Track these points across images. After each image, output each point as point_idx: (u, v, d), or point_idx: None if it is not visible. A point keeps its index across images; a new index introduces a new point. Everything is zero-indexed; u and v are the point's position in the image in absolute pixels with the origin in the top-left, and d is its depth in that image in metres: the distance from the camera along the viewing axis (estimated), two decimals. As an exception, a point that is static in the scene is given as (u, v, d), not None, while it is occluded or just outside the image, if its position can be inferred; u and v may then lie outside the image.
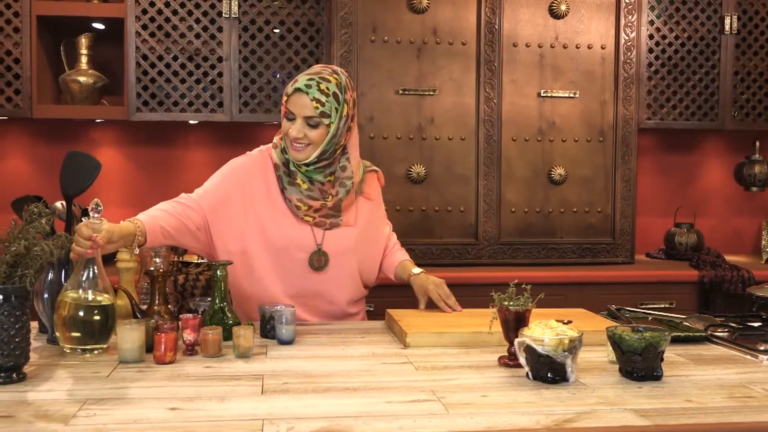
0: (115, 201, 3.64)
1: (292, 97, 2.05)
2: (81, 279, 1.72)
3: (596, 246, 3.52)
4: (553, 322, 1.60)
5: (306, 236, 2.14)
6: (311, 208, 2.13)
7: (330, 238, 2.16)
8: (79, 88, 3.44)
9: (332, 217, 2.16)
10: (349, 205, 2.18)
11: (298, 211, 2.13)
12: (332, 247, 2.16)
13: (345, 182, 2.14)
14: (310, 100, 2.03)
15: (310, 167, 2.10)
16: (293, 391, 1.48)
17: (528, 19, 3.44)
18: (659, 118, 3.63)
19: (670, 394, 1.48)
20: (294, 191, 2.12)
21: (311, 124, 2.04)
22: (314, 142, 2.05)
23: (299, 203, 2.12)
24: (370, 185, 2.29)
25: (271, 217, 2.14)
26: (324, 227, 2.16)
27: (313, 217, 2.14)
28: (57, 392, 1.46)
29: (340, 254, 2.17)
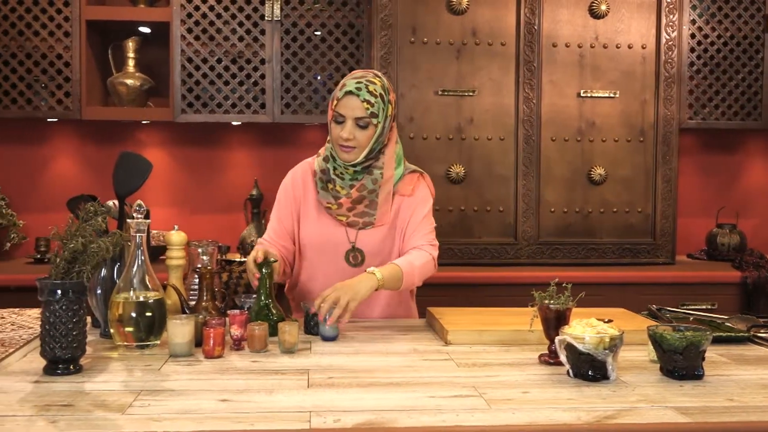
0: (160, 201, 3.73)
1: (343, 100, 2.12)
2: (132, 277, 1.78)
3: (636, 246, 3.51)
4: (594, 321, 1.61)
5: (340, 235, 2.21)
6: (342, 207, 2.18)
7: (363, 237, 2.21)
8: (127, 90, 3.53)
9: (366, 216, 2.19)
10: (384, 203, 2.21)
11: (330, 211, 2.20)
12: (366, 246, 2.22)
13: (373, 171, 2.18)
14: (361, 102, 2.10)
15: (357, 167, 2.16)
16: (338, 385, 1.52)
17: (567, 20, 3.44)
18: (701, 118, 3.60)
19: (711, 393, 1.49)
20: (325, 195, 2.20)
21: (361, 125, 2.11)
22: (362, 144, 2.12)
23: (329, 204, 2.19)
24: (408, 184, 2.27)
25: (311, 219, 2.23)
26: (357, 227, 2.20)
27: (347, 216, 2.19)
28: (112, 383, 1.52)
29: (374, 254, 2.22)
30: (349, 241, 2.21)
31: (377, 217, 2.20)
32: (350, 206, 2.18)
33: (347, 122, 2.11)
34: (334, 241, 2.21)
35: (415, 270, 2.14)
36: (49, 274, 1.59)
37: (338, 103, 2.13)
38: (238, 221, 3.76)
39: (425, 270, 2.19)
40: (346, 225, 2.21)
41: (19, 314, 2.20)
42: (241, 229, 3.69)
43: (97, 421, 1.29)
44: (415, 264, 2.14)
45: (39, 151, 3.76)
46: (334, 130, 2.14)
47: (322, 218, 2.22)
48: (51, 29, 3.39)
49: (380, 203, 2.19)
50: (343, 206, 2.18)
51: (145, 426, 1.26)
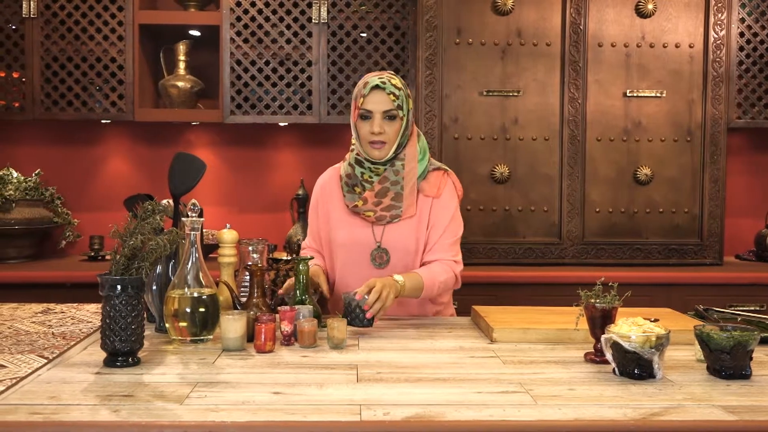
0: (209, 200, 3.82)
1: (369, 95, 2.17)
2: (186, 273, 1.85)
3: (683, 247, 3.48)
4: (640, 320, 1.62)
5: (366, 235, 2.25)
6: (368, 202, 2.22)
7: (389, 234, 2.23)
8: (177, 92, 3.62)
9: (393, 209, 2.22)
10: (410, 195, 2.23)
11: (357, 209, 2.24)
12: (392, 243, 2.23)
13: (395, 163, 2.21)
14: (387, 95, 2.16)
15: (387, 164, 2.20)
16: (386, 380, 1.56)
17: (614, 19, 3.43)
18: (750, 117, 3.56)
19: (759, 393, 1.49)
20: (352, 198, 2.25)
21: (389, 117, 2.16)
22: (391, 138, 2.17)
23: (355, 204, 2.24)
24: (434, 185, 2.26)
25: (340, 221, 2.28)
26: (384, 221, 2.23)
27: (374, 211, 2.23)
28: (169, 375, 1.58)
29: (400, 249, 2.23)
30: (375, 240, 2.24)
31: (404, 209, 2.22)
32: (375, 200, 2.21)
33: (375, 117, 2.16)
34: (362, 242, 2.25)
35: (435, 284, 2.16)
36: (110, 270, 1.66)
37: (364, 99, 2.17)
38: (285, 220, 3.83)
39: (446, 286, 2.22)
40: (374, 222, 2.24)
41: (79, 309, 2.28)
42: (288, 228, 3.75)
43: (157, 411, 1.34)
44: (438, 279, 2.16)
45: (93, 152, 3.88)
46: (363, 128, 2.19)
47: (351, 220, 2.27)
48: (105, 33, 3.50)
49: (406, 195, 2.21)
50: (369, 201, 2.22)
51: (203, 416, 1.31)
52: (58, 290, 3.11)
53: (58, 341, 1.85)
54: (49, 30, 3.49)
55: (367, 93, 2.17)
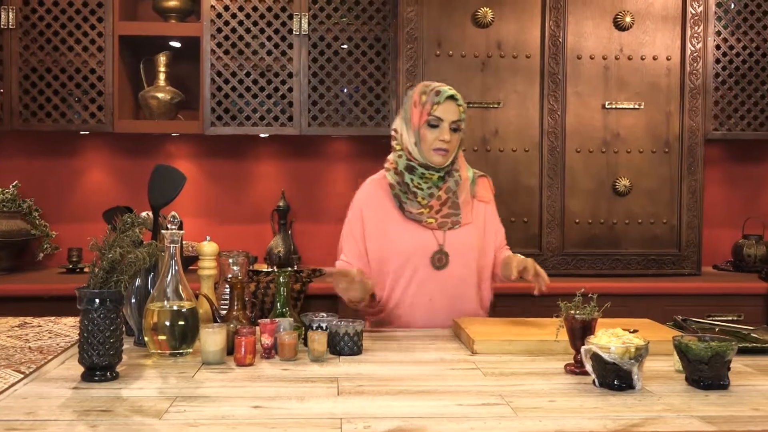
0: (189, 212, 3.79)
1: (443, 104, 2.25)
2: (166, 286, 1.84)
3: (662, 257, 3.51)
4: (620, 331, 1.63)
5: (428, 240, 2.31)
6: (432, 209, 2.29)
7: (451, 238, 2.31)
8: (157, 103, 3.61)
9: (453, 216, 2.31)
10: (466, 204, 2.34)
11: (422, 216, 2.29)
12: (453, 247, 2.31)
13: (453, 174, 2.32)
14: (457, 107, 2.27)
15: (441, 172, 2.28)
16: (367, 393, 1.56)
17: (592, 32, 3.47)
18: (726, 129, 3.60)
19: (737, 403, 1.50)
20: (412, 204, 2.30)
21: (453, 128, 2.25)
22: (453, 147, 2.28)
23: (420, 211, 2.29)
24: (484, 188, 2.43)
25: (394, 230, 2.31)
26: (446, 227, 2.31)
27: (435, 219, 2.30)
28: (148, 390, 1.57)
29: (461, 253, 2.32)
30: (438, 243, 2.30)
31: (462, 216, 2.32)
32: (438, 208, 2.29)
33: (444, 125, 2.25)
34: (423, 246, 2.31)
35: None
36: (88, 283, 1.65)
37: (438, 107, 2.24)
38: (266, 232, 3.82)
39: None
40: (435, 228, 2.30)
41: (56, 322, 2.26)
42: (268, 240, 3.74)
43: (135, 426, 1.33)
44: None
45: (71, 164, 3.85)
46: (429, 135, 2.25)
47: (408, 226, 2.31)
48: (85, 44, 3.48)
49: (462, 203, 2.33)
50: (433, 209, 2.29)
51: (182, 430, 1.30)
52: (35, 303, 3.08)
53: (35, 355, 1.83)
54: (27, 41, 3.46)
55: (441, 101, 2.25)
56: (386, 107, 3.52)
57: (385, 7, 3.51)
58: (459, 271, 2.32)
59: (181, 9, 3.66)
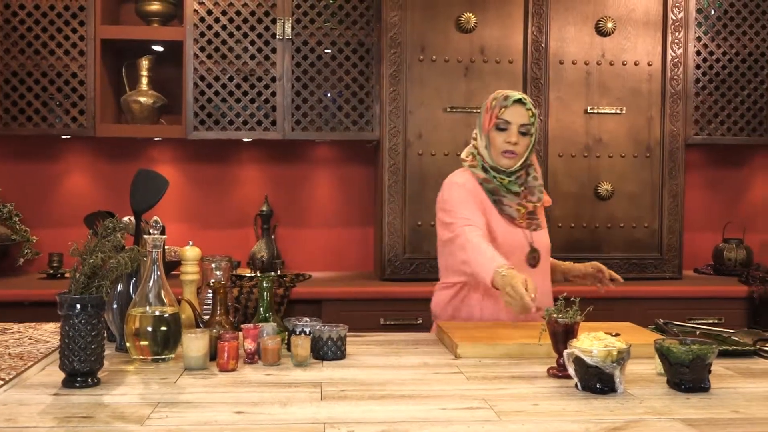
0: (172, 216, 3.78)
1: (511, 107, 2.29)
2: (148, 292, 1.83)
3: (643, 261, 3.54)
4: (602, 334, 1.64)
5: (521, 237, 2.35)
6: (526, 210, 2.34)
7: (537, 238, 2.38)
8: (140, 108, 3.59)
9: (534, 220, 2.37)
10: (541, 208, 2.42)
11: (517, 214, 2.33)
12: (540, 246, 2.37)
13: (540, 188, 2.39)
14: (526, 110, 2.29)
15: (511, 176, 2.31)
16: (351, 397, 1.55)
17: (574, 37, 3.49)
18: (707, 134, 3.63)
19: (717, 405, 1.52)
20: (511, 198, 2.33)
21: (522, 132, 2.28)
22: (521, 151, 2.30)
23: (519, 206, 2.33)
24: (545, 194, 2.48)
25: (496, 225, 2.32)
26: (532, 228, 2.36)
27: (525, 220, 2.34)
28: (130, 396, 1.55)
29: (545, 254, 2.39)
30: (528, 242, 2.34)
31: (541, 219, 2.40)
32: (530, 209, 2.35)
33: (512, 128, 2.28)
34: (519, 245, 2.34)
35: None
36: (69, 288, 1.63)
37: (505, 110, 2.28)
38: (249, 237, 3.81)
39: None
40: (524, 227, 2.34)
41: (36, 328, 2.24)
42: (251, 245, 3.73)
43: (117, 432, 1.32)
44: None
45: (52, 168, 3.82)
46: (497, 138, 2.29)
47: (503, 222, 2.33)
48: (66, 48, 3.46)
49: (539, 208, 2.40)
50: (527, 209, 2.34)
51: (164, 436, 1.30)
52: (15, 309, 3.05)
53: (15, 362, 1.81)
54: (8, 44, 3.44)
55: (509, 105, 2.29)
56: (370, 112, 3.52)
57: (368, 12, 3.51)
58: (545, 270, 2.40)
59: (164, 13, 3.65)
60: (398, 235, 3.42)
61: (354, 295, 3.26)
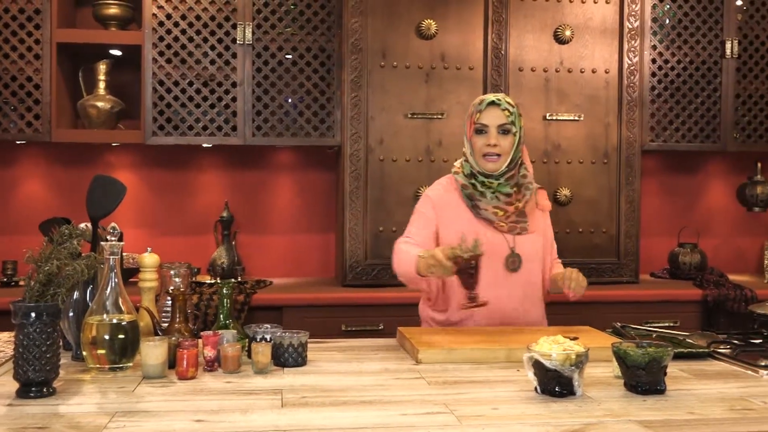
0: (130, 223, 3.73)
1: (485, 111, 2.32)
2: (105, 299, 1.80)
3: (601, 266, 3.59)
4: (561, 338, 1.66)
5: (501, 241, 2.34)
6: (505, 213, 2.33)
7: (520, 242, 2.35)
8: (97, 112, 3.54)
9: (521, 222, 2.35)
10: (531, 213, 2.39)
11: (495, 217, 2.32)
12: (523, 251, 2.35)
13: (528, 186, 2.38)
14: (502, 110, 2.31)
15: (500, 179, 2.31)
16: (312, 404, 1.55)
17: (533, 45, 3.53)
18: (662, 141, 3.70)
19: (673, 407, 1.55)
20: (486, 202, 2.33)
21: (502, 131, 2.30)
22: (505, 151, 2.31)
23: (495, 209, 2.32)
24: (543, 197, 2.47)
25: (468, 230, 2.30)
26: (515, 232, 2.35)
27: (506, 223, 2.33)
28: (86, 405, 1.53)
29: (530, 258, 2.37)
30: (509, 246, 2.33)
31: (530, 224, 2.37)
32: (510, 213, 2.33)
33: (490, 130, 2.30)
34: (497, 247, 2.33)
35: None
36: (24, 296, 1.60)
37: (480, 114, 2.31)
38: (209, 243, 3.77)
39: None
40: (506, 231, 2.34)
41: (-10, 338, 2.19)
42: (211, 251, 3.70)
43: (73, 443, 1.30)
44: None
45: (7, 174, 3.74)
46: (477, 142, 2.31)
47: (481, 227, 2.33)
48: (21, 51, 3.39)
49: (528, 212, 2.37)
50: (506, 213, 2.32)
51: (121, 446, 1.28)
52: (-32, 318, 2.97)
53: (-33, 372, 1.77)
54: (-40, 47, 3.36)
55: (483, 108, 2.32)
56: (331, 117, 3.52)
57: (329, 18, 3.51)
58: (529, 276, 2.37)
59: (122, 17, 3.60)
60: (360, 240, 3.42)
61: (315, 301, 3.25)
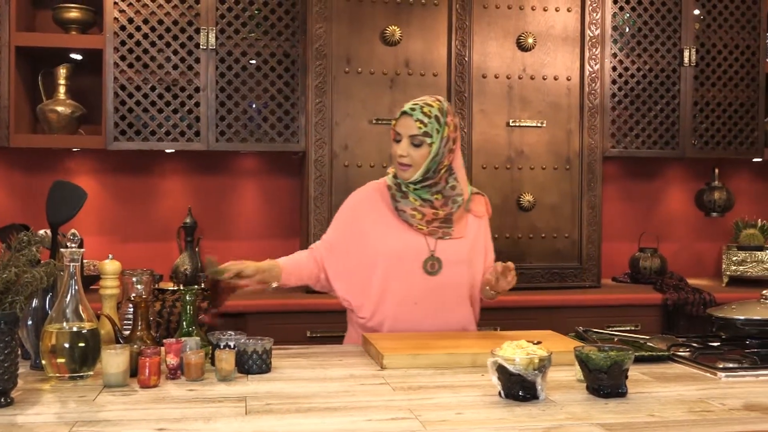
0: (90, 229, 3.67)
1: (400, 119, 2.31)
2: (65, 307, 1.77)
3: (564, 271, 3.63)
4: (524, 342, 1.68)
5: (420, 244, 2.33)
6: (424, 217, 2.32)
7: (442, 247, 2.34)
8: (57, 117, 3.48)
9: (444, 228, 2.34)
10: (459, 219, 2.37)
11: (413, 219, 2.32)
12: (445, 255, 2.33)
13: (456, 199, 2.35)
14: (414, 121, 2.28)
15: (417, 186, 2.31)
16: (276, 411, 1.54)
17: (496, 52, 3.56)
18: (623, 147, 3.76)
19: (634, 410, 1.57)
20: (406, 203, 2.33)
21: (415, 143, 2.27)
22: (416, 162, 2.28)
23: (413, 212, 2.32)
24: (478, 204, 2.46)
25: (387, 230, 2.33)
26: (436, 236, 2.33)
27: (426, 227, 2.32)
28: (46, 415, 1.50)
29: (453, 263, 2.34)
30: (429, 249, 2.32)
31: (454, 230, 2.35)
32: (431, 218, 2.32)
33: (403, 140, 2.29)
34: (415, 249, 2.32)
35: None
36: (-20, 305, 1.57)
37: (396, 122, 2.31)
38: (171, 249, 3.73)
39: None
40: (426, 234, 2.32)
41: (-55, 347, 2.13)
42: (174, 258, 3.66)
43: (31, 454, 1.27)
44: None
45: (-37, 179, 3.67)
46: (395, 150, 2.31)
47: (401, 228, 2.33)
48: (-22, 55, 3.33)
49: (455, 219, 2.36)
50: (425, 217, 2.31)
51: (81, 457, 1.26)
52: None
53: None
54: None
55: (398, 117, 2.32)
56: (295, 123, 3.51)
57: (294, 23, 3.51)
58: (450, 280, 2.34)
59: (83, 20, 3.55)
60: (324, 246, 3.40)
61: (279, 307, 3.23)
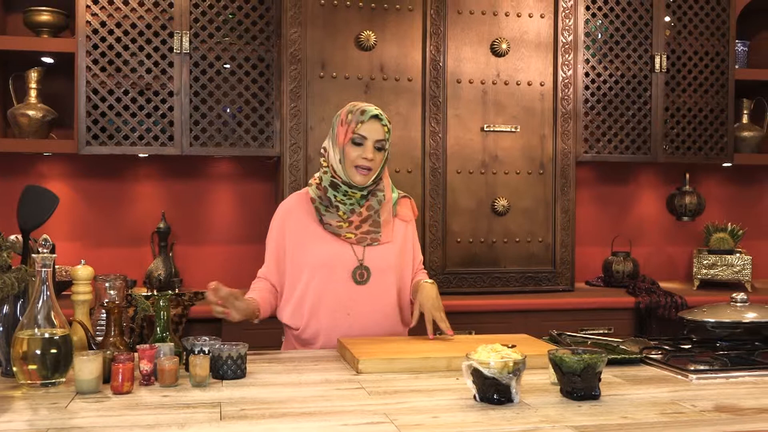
0: (63, 234, 3.63)
1: (367, 123, 2.29)
2: (37, 313, 1.75)
3: (538, 274, 3.65)
4: (498, 346, 1.69)
5: (348, 253, 2.33)
6: (352, 224, 2.32)
7: (371, 254, 2.34)
8: (28, 121, 3.44)
9: (372, 233, 2.34)
10: (387, 223, 2.38)
11: (340, 230, 2.31)
12: (373, 263, 2.34)
13: (377, 193, 2.36)
14: (382, 125, 2.30)
15: (363, 191, 2.31)
16: (251, 417, 1.53)
17: (471, 57, 3.59)
18: (596, 152, 3.80)
19: (607, 412, 1.58)
20: (332, 216, 2.32)
21: (378, 147, 2.29)
22: (376, 166, 2.31)
23: (339, 224, 2.31)
24: (405, 207, 2.47)
25: (315, 241, 2.33)
26: (365, 243, 2.34)
27: (355, 234, 2.32)
28: (17, 423, 1.48)
29: (381, 270, 2.35)
30: (357, 258, 2.33)
31: (382, 234, 2.36)
32: (358, 224, 2.31)
33: (368, 144, 2.27)
34: (343, 260, 2.32)
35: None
36: (-51, 311, 1.55)
37: (362, 125, 2.27)
38: (145, 255, 3.70)
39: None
40: (354, 243, 2.33)
41: None
42: (148, 263, 3.63)
43: (2, 462, 1.26)
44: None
45: (-69, 184, 3.61)
46: (352, 153, 2.27)
47: (327, 239, 2.33)
48: (-53, 58, 3.28)
49: (383, 222, 2.36)
50: (353, 224, 2.31)
51: (53, 464, 1.24)
52: None
53: None
54: None
55: (365, 120, 2.28)
56: (270, 128, 3.50)
57: (268, 28, 3.50)
58: (380, 287, 2.35)
59: (55, 24, 3.51)
60: (299, 251, 3.40)
61: (255, 312, 3.21)
